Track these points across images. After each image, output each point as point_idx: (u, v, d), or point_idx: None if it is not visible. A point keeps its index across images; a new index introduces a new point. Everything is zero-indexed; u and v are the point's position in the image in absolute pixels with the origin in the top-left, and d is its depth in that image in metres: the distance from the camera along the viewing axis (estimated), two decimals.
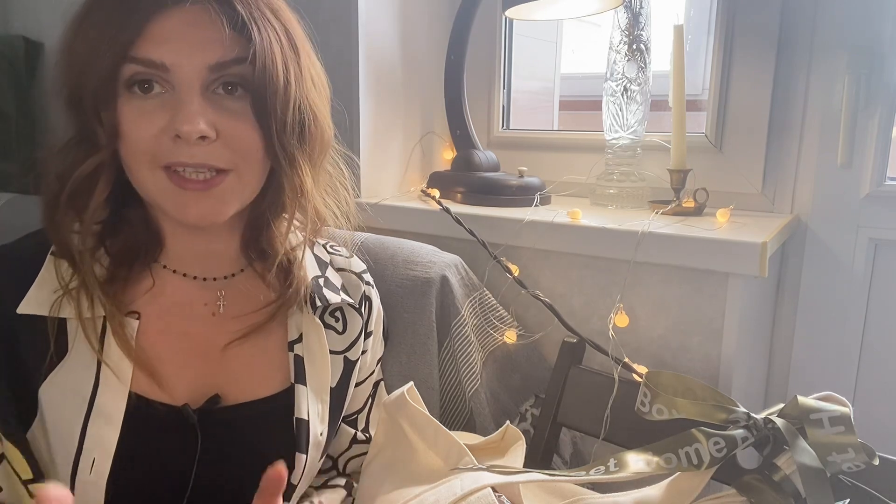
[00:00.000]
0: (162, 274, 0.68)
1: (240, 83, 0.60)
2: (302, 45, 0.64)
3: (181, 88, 0.58)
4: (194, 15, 0.58)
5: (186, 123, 0.57)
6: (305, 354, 0.71)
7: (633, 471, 0.64)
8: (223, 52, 0.58)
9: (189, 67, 0.58)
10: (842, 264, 1.01)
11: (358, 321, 0.77)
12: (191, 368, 0.67)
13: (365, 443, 0.80)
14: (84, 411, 0.61)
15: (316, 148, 0.65)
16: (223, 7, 0.58)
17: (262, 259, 0.70)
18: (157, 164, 0.59)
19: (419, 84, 1.23)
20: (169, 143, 0.58)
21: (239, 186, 0.62)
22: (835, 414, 0.62)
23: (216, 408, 0.65)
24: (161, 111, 0.58)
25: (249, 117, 0.60)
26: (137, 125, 0.58)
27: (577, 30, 1.57)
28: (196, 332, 0.68)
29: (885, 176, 0.98)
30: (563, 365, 0.87)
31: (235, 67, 0.59)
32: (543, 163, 1.24)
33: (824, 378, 1.04)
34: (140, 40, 0.57)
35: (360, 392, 0.81)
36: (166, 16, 0.57)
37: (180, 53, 0.57)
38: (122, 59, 0.57)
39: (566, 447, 0.96)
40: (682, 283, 0.89)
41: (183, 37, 0.57)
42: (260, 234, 0.69)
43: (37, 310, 0.62)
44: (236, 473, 0.65)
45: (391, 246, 0.95)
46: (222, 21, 0.57)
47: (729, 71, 1.06)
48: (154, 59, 0.57)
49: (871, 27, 0.96)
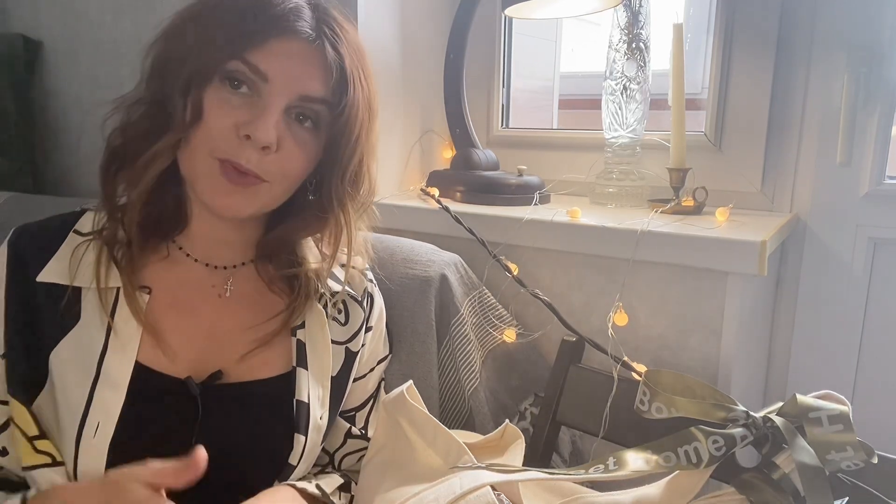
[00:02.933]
0: (176, 254, 0.73)
1: (312, 118, 0.68)
2: (376, 109, 0.72)
3: (269, 100, 0.64)
4: (310, 50, 0.65)
5: (263, 130, 0.63)
6: (308, 340, 0.74)
7: (632, 469, 0.64)
8: (318, 90, 0.66)
9: (285, 87, 0.65)
10: (841, 263, 1.02)
11: (360, 314, 0.79)
12: (196, 344, 0.70)
13: (360, 438, 0.81)
14: (92, 377, 0.65)
15: (362, 197, 0.74)
16: (336, 56, 0.66)
17: (270, 261, 0.75)
18: (215, 155, 0.65)
19: (418, 82, 1.23)
20: (234, 140, 0.64)
21: (267, 196, 0.68)
22: (834, 412, 0.62)
23: (218, 383, 0.68)
24: (242, 109, 0.64)
25: (307, 148, 0.68)
26: (219, 112, 0.64)
27: (576, 28, 1.57)
28: (203, 311, 0.72)
29: (884, 175, 0.99)
30: (562, 363, 0.87)
31: (319, 106, 0.67)
32: (543, 161, 1.24)
33: (823, 376, 1.04)
34: (257, 50, 0.63)
35: (359, 388, 0.82)
36: (287, 40, 0.64)
37: (285, 74, 0.64)
38: (235, 57, 0.63)
39: (565, 446, 0.96)
40: (682, 282, 0.89)
41: (294, 62, 0.65)
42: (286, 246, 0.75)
43: (55, 279, 0.67)
44: (235, 449, 0.68)
45: (390, 245, 0.95)
46: (331, 67, 0.66)
47: (728, 70, 1.06)
48: (261, 68, 0.64)
49: (870, 26, 0.96)
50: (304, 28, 0.64)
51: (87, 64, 1.47)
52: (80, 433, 0.63)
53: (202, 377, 0.68)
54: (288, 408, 0.70)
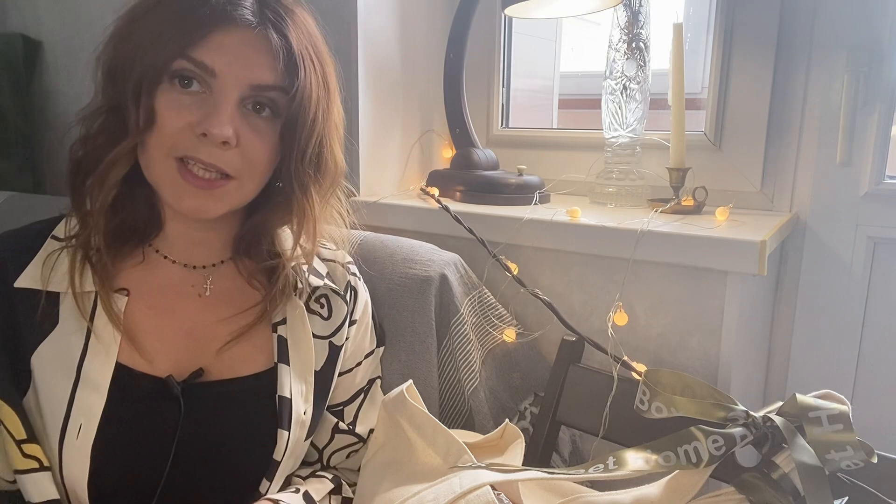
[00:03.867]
0: (153, 257, 0.73)
1: (269, 105, 0.66)
2: (333, 88, 0.71)
3: (220, 95, 0.64)
4: (253, 37, 0.64)
5: (217, 126, 0.62)
6: (289, 336, 0.74)
7: (631, 469, 0.64)
8: (268, 77, 0.65)
9: (234, 79, 0.63)
10: (841, 262, 1.02)
11: (343, 308, 0.79)
12: (176, 344, 0.70)
13: (348, 434, 0.81)
14: (72, 378, 0.65)
15: (327, 180, 0.72)
16: (281, 40, 0.64)
17: (249, 256, 0.75)
18: (173, 154, 0.64)
19: (418, 82, 1.23)
20: (191, 139, 0.63)
21: (237, 193, 0.68)
22: (833, 412, 0.62)
23: (199, 381, 0.69)
24: (194, 108, 0.63)
25: (268, 137, 0.67)
26: (171, 114, 0.63)
27: (576, 28, 1.56)
28: (182, 311, 0.72)
29: (883, 174, 0.98)
30: (562, 363, 0.87)
31: (272, 93, 0.65)
32: (543, 161, 1.24)
33: (823, 376, 1.04)
34: (200, 45, 0.62)
35: (345, 382, 0.81)
36: (229, 31, 0.63)
37: (231, 66, 0.63)
38: (179, 55, 0.62)
39: (565, 445, 0.96)
40: (682, 282, 0.89)
41: (239, 52, 0.63)
42: (259, 238, 0.74)
43: (32, 284, 0.67)
44: (219, 447, 0.68)
45: (390, 244, 0.95)
46: (277, 52, 0.64)
47: (728, 69, 1.06)
48: (206, 64, 0.63)
49: (870, 25, 0.96)
50: (244, 16, 0.63)
51: (87, 64, 1.47)
52: (63, 436, 0.63)
53: (184, 375, 0.68)
54: (270, 404, 0.70)
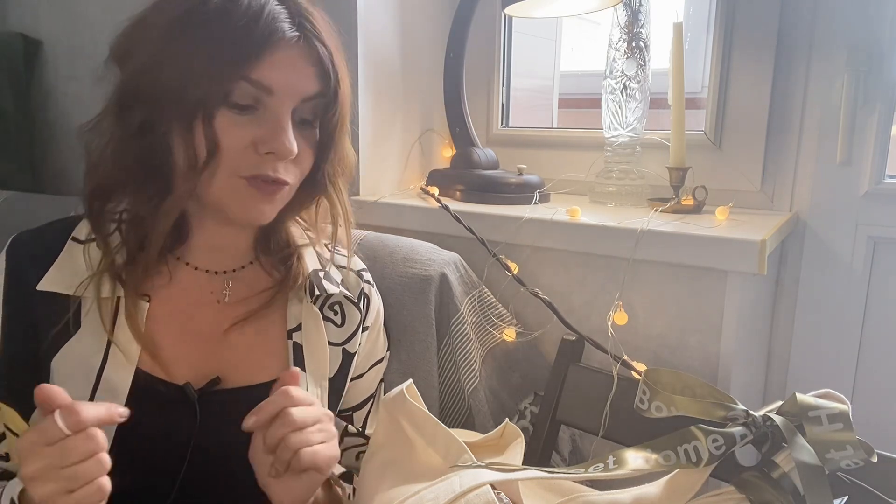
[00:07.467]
0: (175, 264, 0.73)
1: (311, 114, 0.68)
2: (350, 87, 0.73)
3: (277, 111, 0.65)
4: (302, 51, 0.65)
5: (285, 145, 0.64)
6: (304, 343, 0.74)
7: (631, 468, 0.64)
8: (313, 87, 0.66)
9: (288, 95, 0.65)
10: (841, 262, 1.02)
11: (356, 315, 0.80)
12: (194, 351, 0.71)
13: (358, 436, 0.82)
14: (92, 384, 0.65)
15: (347, 171, 0.76)
16: (321, 48, 0.66)
17: (268, 254, 0.77)
18: (237, 174, 0.65)
19: (418, 81, 1.23)
20: (254, 157, 0.65)
21: (289, 195, 0.71)
22: (833, 411, 0.62)
23: (216, 389, 0.69)
24: (252, 127, 0.64)
25: (312, 142, 0.69)
26: (232, 138, 0.64)
27: (576, 27, 1.57)
28: (201, 318, 0.72)
29: (884, 174, 0.98)
30: (562, 362, 0.87)
31: (317, 100, 0.67)
32: (542, 160, 1.24)
33: (823, 375, 1.04)
34: (256, 65, 0.62)
35: (356, 387, 0.82)
36: (279, 46, 0.63)
37: (287, 83, 0.64)
38: (239, 78, 0.62)
39: (565, 445, 0.96)
40: (681, 281, 0.89)
41: (291, 68, 0.64)
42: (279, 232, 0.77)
43: (55, 288, 0.67)
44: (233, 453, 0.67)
45: (390, 243, 0.95)
46: (319, 60, 0.66)
47: (728, 69, 1.06)
48: (265, 83, 0.63)
49: (870, 24, 0.96)
50: (288, 30, 0.63)
51: (87, 64, 1.47)
52: None
53: (201, 383, 0.68)
54: None
